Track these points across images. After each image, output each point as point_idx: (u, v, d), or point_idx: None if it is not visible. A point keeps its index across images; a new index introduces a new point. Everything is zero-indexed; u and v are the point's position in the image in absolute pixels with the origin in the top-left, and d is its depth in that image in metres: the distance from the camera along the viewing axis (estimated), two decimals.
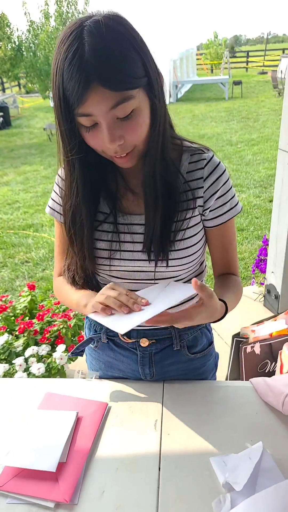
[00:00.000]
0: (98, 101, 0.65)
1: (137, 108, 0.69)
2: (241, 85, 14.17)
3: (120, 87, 0.65)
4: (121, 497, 0.74)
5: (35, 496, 0.74)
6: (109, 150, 0.73)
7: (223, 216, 0.89)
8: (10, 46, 11.66)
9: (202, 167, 0.85)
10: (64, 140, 0.73)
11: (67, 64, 0.64)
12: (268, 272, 2.49)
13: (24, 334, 1.83)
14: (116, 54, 0.64)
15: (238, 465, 0.77)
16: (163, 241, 0.83)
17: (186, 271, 0.91)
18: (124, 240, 0.87)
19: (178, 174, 0.84)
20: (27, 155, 8.38)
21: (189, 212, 0.85)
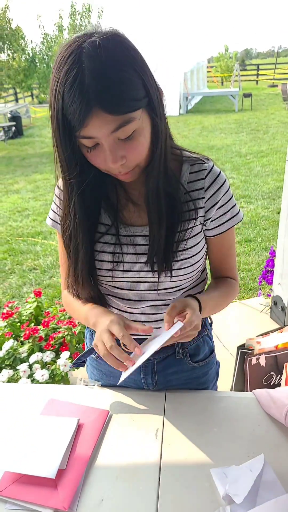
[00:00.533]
0: (99, 125, 0.66)
1: (138, 129, 0.70)
2: (251, 97, 14.26)
3: (121, 111, 0.65)
4: (120, 506, 0.74)
5: (34, 503, 0.74)
6: (111, 169, 0.74)
7: (224, 225, 0.90)
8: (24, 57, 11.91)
9: (203, 178, 0.85)
10: (62, 164, 0.74)
11: (68, 88, 0.64)
12: (275, 283, 2.48)
13: (29, 340, 1.84)
14: (117, 79, 0.64)
15: (239, 477, 0.76)
16: (166, 252, 0.84)
17: (188, 280, 0.91)
18: (127, 251, 0.87)
19: (179, 185, 0.84)
20: (38, 164, 8.49)
21: (190, 222, 0.86)
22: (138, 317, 0.94)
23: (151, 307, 0.93)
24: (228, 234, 0.92)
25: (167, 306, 0.93)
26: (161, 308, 0.93)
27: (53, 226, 0.95)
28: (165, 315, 0.79)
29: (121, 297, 0.93)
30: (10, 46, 12.41)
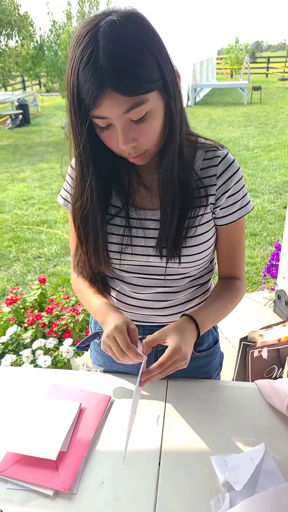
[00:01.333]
0: (111, 106, 0.65)
1: (150, 111, 0.69)
2: (260, 90, 14.08)
3: (133, 92, 0.65)
4: (120, 490, 0.74)
5: (35, 483, 0.75)
6: (122, 151, 0.74)
7: (233, 215, 0.88)
8: (33, 45, 11.82)
9: (216, 165, 0.85)
10: (77, 140, 0.73)
11: (82, 66, 0.64)
12: (279, 277, 2.47)
13: (33, 326, 1.85)
14: (131, 59, 0.63)
15: (239, 465, 0.76)
16: (176, 237, 0.83)
17: (197, 268, 0.91)
18: (136, 235, 0.86)
19: (192, 171, 0.83)
20: (45, 152, 8.46)
21: (201, 209, 0.85)
22: (144, 303, 0.94)
23: (158, 294, 0.93)
24: (238, 225, 0.91)
25: (174, 294, 0.93)
26: (168, 296, 0.93)
27: (64, 205, 0.95)
28: (143, 342, 0.81)
29: (128, 282, 0.93)
30: (18, 32, 12.31)
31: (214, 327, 1.06)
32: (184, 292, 0.94)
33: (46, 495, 0.73)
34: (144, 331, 0.98)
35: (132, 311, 0.96)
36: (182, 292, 0.94)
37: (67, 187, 0.92)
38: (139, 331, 0.98)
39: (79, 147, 0.73)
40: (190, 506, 0.72)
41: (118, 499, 0.73)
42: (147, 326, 0.98)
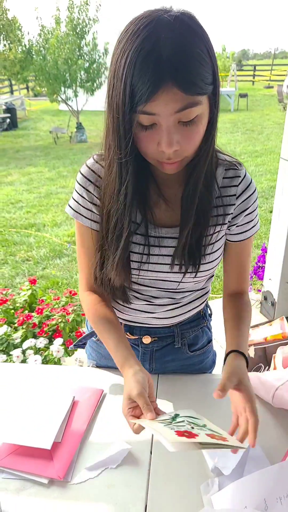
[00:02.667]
0: (167, 102, 0.61)
1: (200, 115, 0.65)
2: (247, 98, 14.33)
3: (192, 91, 0.61)
4: (113, 477, 0.77)
5: (30, 473, 0.77)
6: (162, 155, 0.68)
7: (247, 232, 0.89)
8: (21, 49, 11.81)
9: (236, 185, 0.83)
10: (120, 138, 0.67)
11: (142, 57, 0.58)
12: (266, 279, 2.53)
13: (23, 326, 1.86)
14: (195, 56, 0.60)
15: (227, 452, 0.79)
16: (196, 254, 0.82)
17: (202, 283, 0.92)
18: (154, 253, 0.84)
19: (215, 188, 0.82)
20: (32, 156, 8.44)
21: (218, 227, 0.85)
22: (149, 308, 0.94)
23: (165, 299, 0.92)
24: (248, 242, 0.92)
25: (179, 299, 0.93)
26: (172, 300, 0.93)
27: (75, 216, 0.87)
28: (218, 390, 0.73)
29: (140, 292, 0.91)
30: (6, 36, 12.28)
31: (208, 327, 1.09)
32: (187, 298, 0.95)
33: (41, 483, 0.76)
34: (141, 331, 1.00)
35: (134, 314, 0.96)
36: (185, 298, 0.95)
37: (79, 199, 0.85)
38: (135, 331, 1.00)
39: (122, 148, 0.68)
40: (181, 491, 0.75)
41: (112, 486, 0.75)
42: (144, 327, 0.99)
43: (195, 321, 1.03)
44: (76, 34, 9.66)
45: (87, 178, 0.83)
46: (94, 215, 0.85)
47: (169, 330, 1.00)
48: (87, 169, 0.84)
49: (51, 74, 9.47)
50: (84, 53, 9.88)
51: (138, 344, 1.01)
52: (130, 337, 1.00)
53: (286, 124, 2.12)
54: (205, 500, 0.73)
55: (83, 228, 0.88)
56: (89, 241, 0.88)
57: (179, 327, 1.00)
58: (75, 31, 9.65)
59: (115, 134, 0.68)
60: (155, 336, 1.00)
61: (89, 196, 0.84)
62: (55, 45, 9.42)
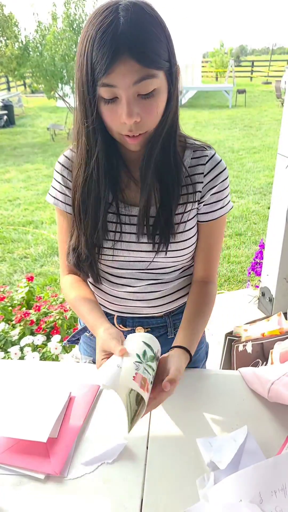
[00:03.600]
0: (124, 73, 0.66)
1: (158, 89, 0.71)
2: (245, 94, 14.29)
3: (148, 63, 0.67)
4: (109, 473, 0.77)
5: (26, 468, 0.77)
6: (124, 127, 0.73)
7: (214, 212, 0.91)
8: (17, 45, 11.72)
9: (203, 163, 0.87)
10: (87, 108, 0.73)
11: (100, 33, 0.65)
12: (263, 275, 2.53)
13: (21, 323, 1.86)
14: (149, 32, 0.67)
15: (223, 446, 0.80)
16: (165, 232, 0.86)
17: (184, 261, 0.94)
18: (127, 231, 0.88)
19: (181, 166, 0.85)
20: (30, 153, 8.42)
21: (188, 205, 0.88)
22: (135, 296, 0.96)
23: (148, 286, 0.95)
24: (217, 224, 0.93)
25: (164, 284, 0.96)
26: (158, 287, 0.95)
27: (54, 203, 0.94)
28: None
29: (119, 276, 0.94)
30: (2, 33, 12.19)
31: None
32: (173, 283, 0.97)
33: (37, 479, 0.76)
34: (134, 323, 1.01)
35: (123, 303, 0.98)
36: (171, 283, 0.97)
37: (57, 185, 0.92)
38: (128, 322, 1.01)
39: (87, 117, 0.73)
40: (176, 486, 0.75)
41: (108, 481, 0.75)
42: (136, 317, 1.00)
43: None
44: (73, 30, 9.60)
45: (62, 165, 0.90)
46: (68, 198, 0.90)
47: (161, 320, 1.01)
48: (64, 157, 0.90)
49: (48, 70, 9.42)
50: None
51: None
52: (123, 329, 1.01)
53: (283, 120, 2.12)
54: (201, 494, 0.73)
55: (60, 213, 0.94)
56: (67, 226, 0.93)
57: (171, 317, 1.02)
58: (72, 27, 9.59)
59: (81, 106, 0.74)
60: (148, 326, 1.01)
61: (64, 181, 0.90)
62: (51, 41, 9.36)
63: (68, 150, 0.91)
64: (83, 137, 0.77)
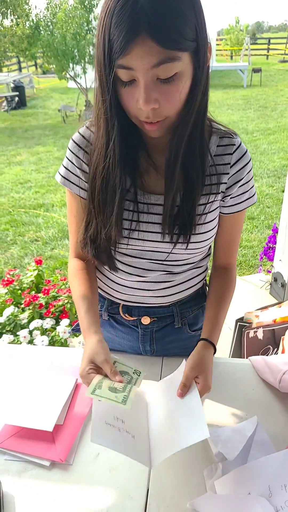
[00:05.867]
0: (142, 55, 0.59)
1: (179, 73, 0.63)
2: (260, 73, 13.84)
3: (169, 45, 0.59)
4: (115, 461, 0.76)
5: (32, 455, 0.76)
6: (141, 112, 0.67)
7: (241, 204, 0.87)
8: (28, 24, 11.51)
9: (230, 153, 0.82)
10: (104, 92, 0.67)
11: (119, 7, 0.57)
12: (276, 260, 2.48)
13: (30, 307, 1.86)
14: (173, 8, 0.58)
15: (232, 437, 0.78)
16: (187, 223, 0.81)
17: (197, 255, 0.90)
18: (144, 220, 0.83)
19: (207, 154, 0.79)
20: (41, 136, 8.35)
21: (211, 197, 0.83)
22: (144, 285, 0.93)
23: (159, 276, 0.91)
24: (241, 214, 0.91)
25: (174, 275, 0.92)
26: (168, 277, 0.92)
27: (63, 183, 0.87)
28: (181, 385, 0.78)
29: (131, 265, 0.90)
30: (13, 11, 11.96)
31: None
32: (183, 274, 0.93)
33: (42, 465, 0.75)
34: (140, 312, 0.98)
35: (131, 293, 0.95)
36: (182, 274, 0.93)
37: (69, 165, 0.86)
38: (134, 312, 0.99)
39: (107, 102, 0.67)
40: (183, 475, 0.74)
41: (113, 469, 0.75)
42: (142, 307, 0.98)
43: (194, 300, 1.01)
44: (84, 7, 9.36)
45: (77, 144, 0.83)
46: (82, 182, 0.85)
47: (168, 310, 0.98)
48: (78, 135, 0.83)
49: (59, 50, 9.24)
50: (92, 27, 9.58)
51: (137, 325, 0.99)
52: (129, 319, 0.99)
53: None
54: (208, 485, 0.71)
55: (72, 195, 0.88)
56: (78, 209, 0.88)
57: (178, 306, 0.99)
58: (83, 4, 9.34)
59: (100, 88, 0.67)
60: (154, 316, 0.98)
61: (78, 162, 0.84)
62: (62, 19, 9.16)
63: (83, 127, 0.84)
64: (101, 119, 0.71)
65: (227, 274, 0.98)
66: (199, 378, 0.79)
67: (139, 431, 0.75)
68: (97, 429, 0.68)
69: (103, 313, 1.02)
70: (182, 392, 0.77)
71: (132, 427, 0.74)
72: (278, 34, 50.87)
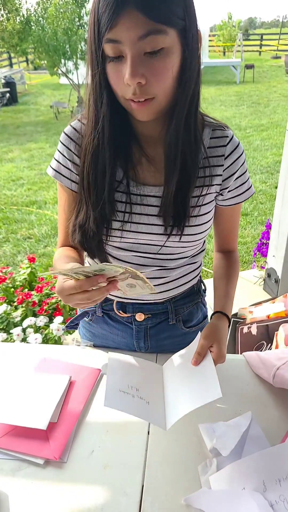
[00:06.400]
0: (129, 26, 0.61)
1: (167, 49, 0.64)
2: (253, 69, 13.85)
3: (155, 16, 0.60)
4: (110, 458, 0.76)
5: (26, 453, 0.76)
6: (128, 90, 0.66)
7: (240, 196, 0.89)
8: (19, 19, 11.39)
9: (224, 145, 0.83)
10: (93, 66, 0.68)
11: None
12: (269, 256, 2.48)
13: (23, 305, 1.85)
14: None
15: (226, 432, 0.78)
16: (180, 215, 0.81)
17: (194, 247, 0.90)
18: (137, 211, 0.82)
19: (201, 146, 0.80)
20: (33, 132, 8.28)
21: (205, 189, 0.83)
22: None
23: (154, 272, 0.91)
24: (240, 206, 0.94)
25: (169, 271, 0.92)
26: (163, 273, 0.91)
27: (55, 177, 0.88)
28: (196, 354, 0.83)
29: (125, 260, 0.90)
30: (4, 6, 11.83)
31: (203, 303, 1.07)
32: (178, 270, 0.93)
33: (37, 464, 0.75)
34: (134, 309, 0.97)
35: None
36: (177, 269, 0.93)
37: (60, 158, 0.86)
38: (128, 308, 0.98)
39: (94, 80, 0.69)
40: (178, 471, 0.73)
41: (108, 467, 0.74)
42: (137, 303, 0.97)
43: (189, 297, 1.01)
44: (75, 2, 9.27)
45: (69, 136, 0.84)
46: (73, 175, 0.85)
47: (162, 307, 0.98)
48: (70, 127, 0.84)
49: (50, 45, 9.15)
50: (84, 22, 9.49)
51: (131, 321, 0.99)
52: (123, 315, 0.98)
53: None
54: (202, 481, 0.71)
55: (62, 189, 0.89)
56: (69, 202, 0.88)
57: (172, 303, 0.98)
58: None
59: (89, 67, 0.69)
60: (148, 313, 0.98)
61: (69, 154, 0.84)
62: (53, 14, 9.06)
63: (75, 120, 0.84)
64: (91, 102, 0.73)
65: (230, 255, 1.03)
66: (213, 347, 0.83)
67: (154, 398, 0.80)
68: (110, 395, 0.73)
69: (97, 310, 1.01)
70: (196, 360, 0.82)
71: (147, 394, 0.79)
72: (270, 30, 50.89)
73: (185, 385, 0.80)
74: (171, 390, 0.82)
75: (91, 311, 1.03)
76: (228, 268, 1.01)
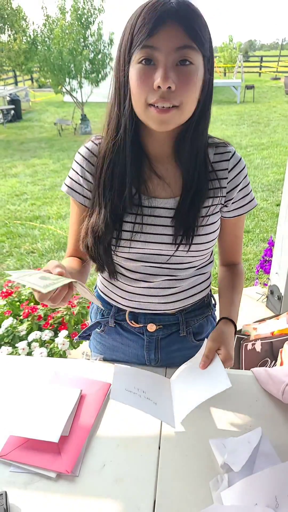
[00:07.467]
0: (169, 36, 0.68)
1: (195, 66, 0.71)
2: (253, 89, 14.15)
3: (193, 35, 0.68)
4: (121, 472, 0.76)
5: (38, 466, 0.76)
6: (154, 94, 0.71)
7: (243, 207, 0.93)
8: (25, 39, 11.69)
9: (227, 159, 0.89)
10: (120, 68, 0.74)
11: (150, 4, 0.68)
12: (272, 273, 2.50)
13: (28, 319, 1.86)
14: (198, 15, 0.70)
15: (237, 448, 0.78)
16: (190, 225, 0.86)
17: (202, 257, 0.93)
18: (147, 222, 0.86)
19: (208, 160, 0.87)
20: (37, 148, 8.40)
21: (212, 200, 0.88)
22: (149, 291, 0.95)
23: (163, 282, 0.93)
24: (244, 217, 0.98)
25: (179, 281, 0.95)
26: (172, 283, 0.94)
27: (68, 192, 0.93)
28: (203, 357, 0.87)
29: (134, 270, 0.92)
30: (11, 27, 12.16)
31: (213, 317, 1.09)
32: (188, 280, 0.96)
33: (48, 477, 0.75)
34: (146, 319, 0.99)
35: (137, 299, 0.96)
36: (186, 280, 0.95)
37: (75, 176, 0.91)
38: (140, 319, 1.00)
39: (121, 77, 0.75)
40: (190, 486, 0.74)
41: (120, 481, 0.75)
42: (148, 314, 0.99)
43: (200, 310, 1.03)
44: (81, 24, 9.54)
45: (83, 156, 0.90)
46: (85, 191, 0.91)
47: (173, 318, 1.00)
48: (84, 148, 0.90)
49: (55, 64, 9.36)
50: (89, 43, 9.76)
51: (143, 332, 1.01)
52: (135, 325, 1.00)
53: None
54: (214, 496, 0.72)
55: (75, 203, 0.94)
56: (79, 215, 0.93)
57: (183, 314, 1.00)
58: (80, 21, 9.52)
59: (117, 69, 0.76)
60: (160, 324, 1.00)
61: (82, 171, 0.90)
62: (59, 35, 9.30)
63: (89, 141, 0.91)
64: (114, 112, 0.80)
65: (235, 267, 1.07)
66: (221, 349, 0.87)
67: (161, 400, 0.82)
68: (117, 391, 0.76)
69: (110, 320, 1.03)
70: (204, 364, 0.86)
71: (154, 396, 0.82)
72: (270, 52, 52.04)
73: (193, 382, 0.83)
74: (178, 390, 0.84)
75: (104, 322, 1.04)
76: (233, 278, 1.04)
